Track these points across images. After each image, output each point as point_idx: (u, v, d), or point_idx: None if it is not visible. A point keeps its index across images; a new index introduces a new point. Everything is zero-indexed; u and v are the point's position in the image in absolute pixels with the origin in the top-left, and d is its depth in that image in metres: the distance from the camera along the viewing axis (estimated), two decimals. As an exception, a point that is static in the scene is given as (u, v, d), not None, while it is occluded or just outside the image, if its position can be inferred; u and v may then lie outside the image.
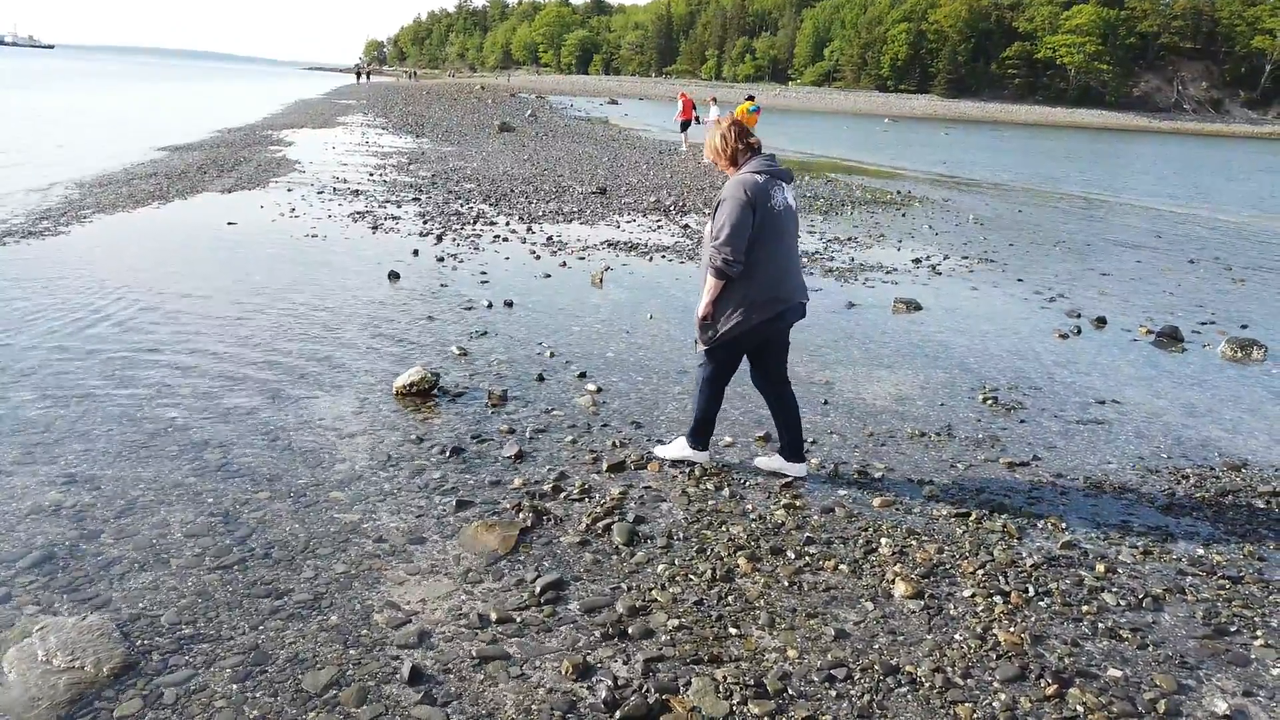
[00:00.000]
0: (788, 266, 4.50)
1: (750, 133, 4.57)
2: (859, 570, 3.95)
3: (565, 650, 3.26)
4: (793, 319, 4.64)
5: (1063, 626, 3.60)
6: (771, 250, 4.39)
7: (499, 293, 8.42)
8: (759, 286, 4.39)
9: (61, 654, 2.99)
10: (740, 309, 4.41)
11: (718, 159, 4.57)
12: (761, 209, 4.32)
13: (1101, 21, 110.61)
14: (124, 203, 12.34)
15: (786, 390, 4.81)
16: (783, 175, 4.50)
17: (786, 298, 4.49)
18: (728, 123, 4.61)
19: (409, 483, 4.53)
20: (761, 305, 4.41)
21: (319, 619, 3.35)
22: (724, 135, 4.53)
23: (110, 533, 3.87)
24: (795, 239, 4.59)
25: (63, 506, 4.07)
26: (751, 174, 4.39)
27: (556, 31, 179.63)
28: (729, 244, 4.28)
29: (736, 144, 4.52)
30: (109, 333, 6.60)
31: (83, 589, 3.45)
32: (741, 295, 4.40)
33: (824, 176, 22.91)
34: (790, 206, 4.49)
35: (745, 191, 4.32)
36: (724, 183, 4.49)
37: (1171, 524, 4.60)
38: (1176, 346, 8.23)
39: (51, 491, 4.19)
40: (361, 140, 24.78)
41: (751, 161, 4.48)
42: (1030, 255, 13.00)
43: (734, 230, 4.27)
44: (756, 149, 4.55)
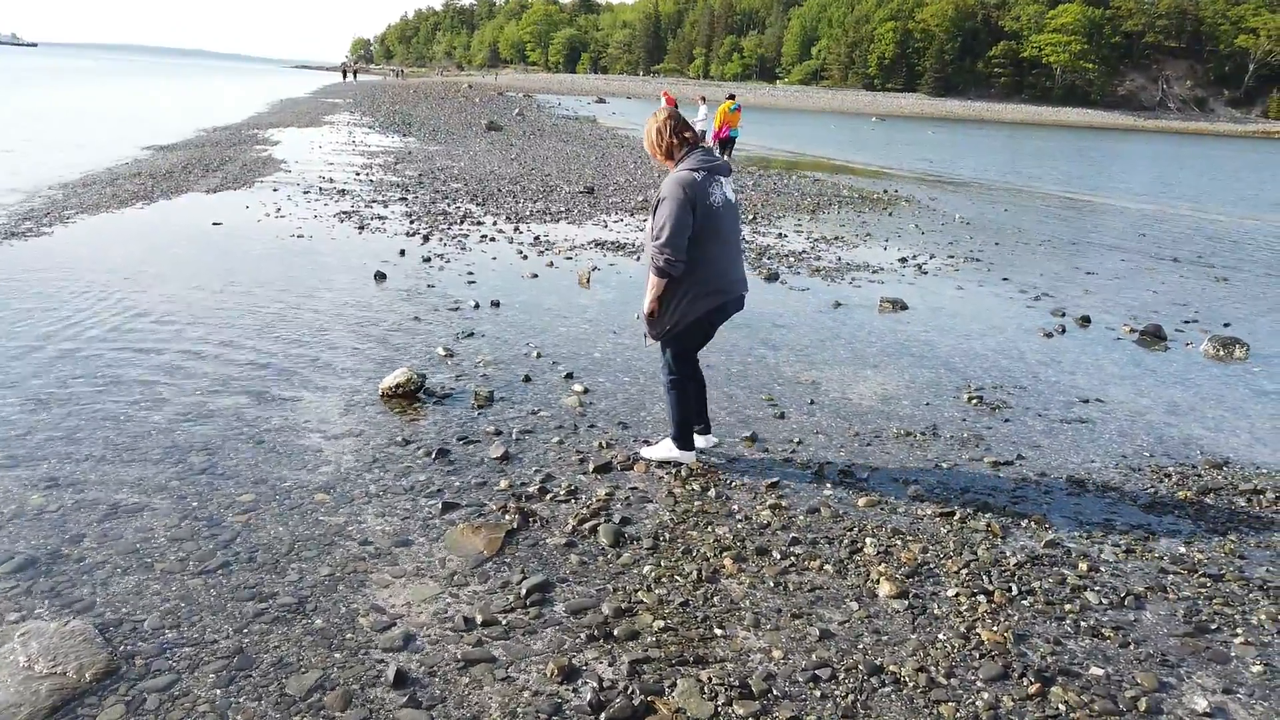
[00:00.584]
0: (728, 260, 4.58)
1: (688, 126, 4.62)
2: (844, 570, 3.96)
3: (551, 652, 3.26)
4: (733, 310, 4.74)
5: (1045, 625, 3.62)
6: (712, 246, 4.46)
7: (486, 293, 8.41)
8: (701, 281, 4.47)
9: (43, 659, 2.98)
10: (684, 302, 4.50)
11: (654, 152, 4.62)
12: (701, 206, 4.39)
13: (1086, 20, 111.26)
14: (108, 203, 12.26)
15: (698, 373, 4.98)
16: (720, 170, 4.56)
17: (728, 290, 4.59)
18: (664, 115, 4.63)
19: (394, 484, 4.52)
20: (705, 297, 4.51)
21: (303, 622, 3.35)
22: (659, 129, 4.57)
23: (93, 537, 3.85)
24: (736, 233, 4.65)
25: (45, 510, 4.04)
26: (690, 171, 4.44)
27: (544, 30, 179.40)
28: (670, 244, 4.35)
29: (672, 138, 4.56)
30: (92, 334, 6.56)
31: (65, 593, 3.43)
32: (684, 290, 4.48)
33: (811, 176, 22.96)
34: (729, 201, 4.55)
35: (684, 190, 4.36)
36: (662, 177, 4.52)
37: (1154, 522, 4.64)
38: (1160, 345, 8.29)
39: (34, 495, 4.17)
40: (348, 139, 24.69)
41: (689, 158, 4.52)
42: (1016, 254, 13.06)
43: (675, 230, 4.34)
44: (693, 143, 4.59)
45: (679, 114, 4.70)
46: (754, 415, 5.79)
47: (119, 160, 17.19)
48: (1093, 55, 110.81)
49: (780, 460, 5.12)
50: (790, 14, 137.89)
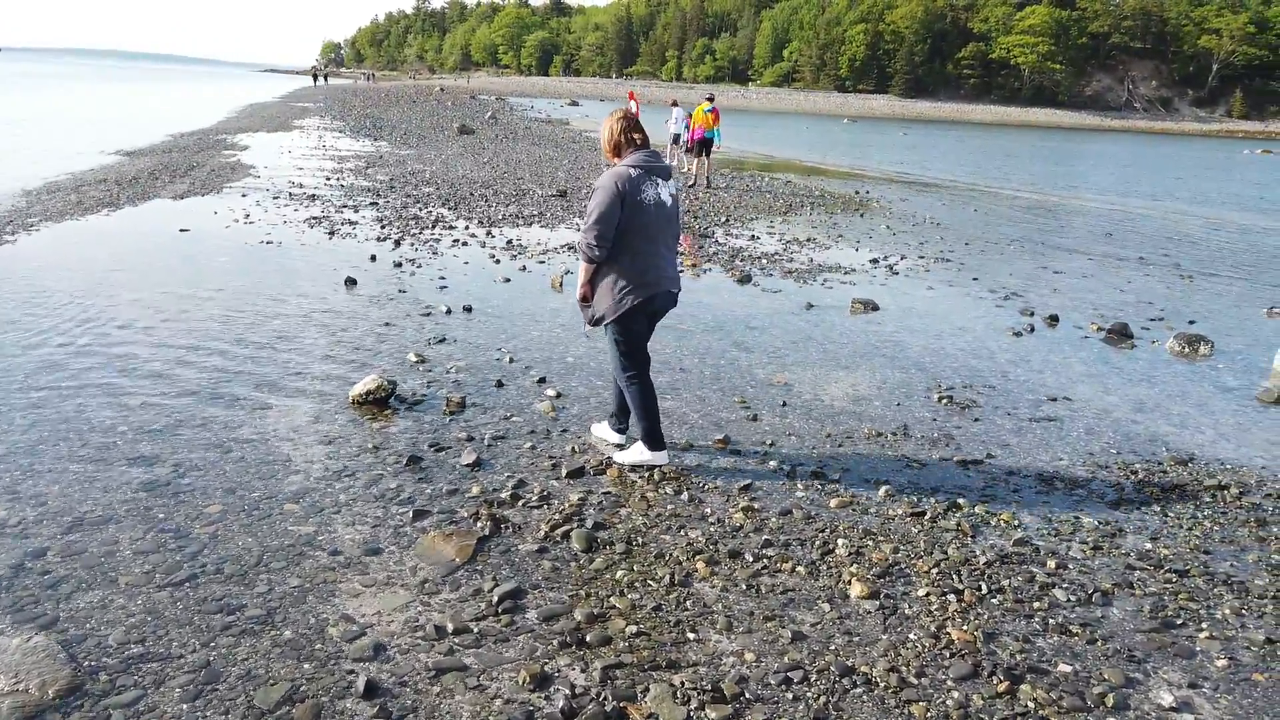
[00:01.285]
0: (655, 257, 4.69)
1: (639, 129, 4.75)
2: (816, 572, 3.98)
3: (523, 660, 3.25)
4: (662, 305, 4.84)
5: (1014, 623, 3.65)
6: (638, 242, 4.60)
7: (458, 298, 8.37)
8: (627, 273, 4.62)
9: (4, 676, 2.93)
10: (613, 292, 4.65)
11: (605, 148, 4.78)
12: (630, 202, 4.53)
13: (1054, 22, 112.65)
14: (73, 210, 12.09)
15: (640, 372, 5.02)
16: (659, 171, 4.68)
17: (653, 284, 4.68)
18: (619, 115, 4.79)
19: (365, 493, 4.49)
20: (631, 290, 4.63)
21: (272, 634, 3.31)
22: (611, 127, 4.75)
23: (57, 550, 3.79)
24: (669, 232, 4.75)
25: (7, 524, 3.97)
26: (627, 167, 4.60)
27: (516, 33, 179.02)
28: (593, 230, 4.54)
29: (620, 137, 4.72)
30: (56, 344, 6.47)
31: (28, 609, 3.37)
32: (613, 280, 4.65)
33: (783, 177, 23.07)
34: (663, 202, 4.66)
35: (617, 183, 4.53)
36: None
37: (1121, 519, 4.69)
38: (1126, 343, 8.40)
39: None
40: (318, 144, 24.51)
41: (631, 155, 4.66)
42: (985, 254, 13.18)
43: (600, 219, 4.51)
44: (640, 144, 4.71)
45: (634, 117, 4.81)
46: (727, 418, 5.80)
47: (84, 167, 16.96)
48: (1060, 56, 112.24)
49: (753, 463, 5.13)
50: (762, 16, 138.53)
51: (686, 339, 7.53)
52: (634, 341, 4.80)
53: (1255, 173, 38.70)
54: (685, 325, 7.94)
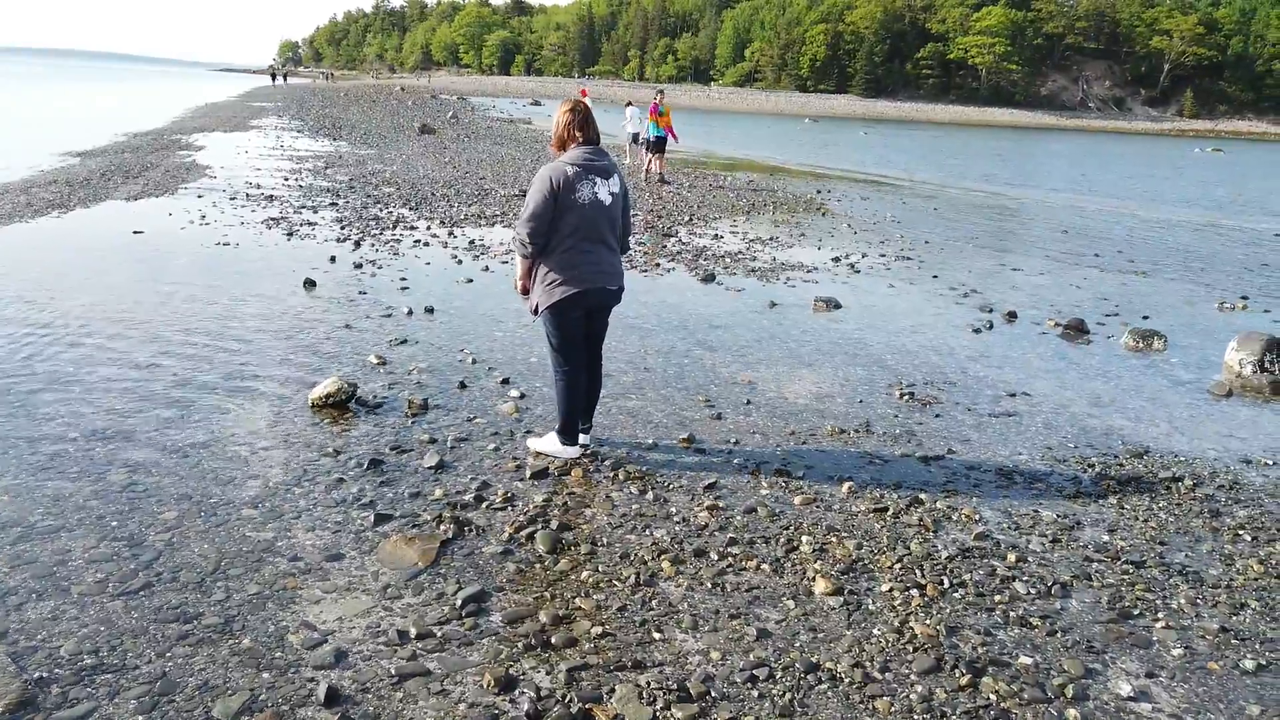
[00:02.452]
0: (589, 254, 4.67)
1: (588, 123, 4.73)
2: (780, 569, 3.99)
3: (487, 663, 3.22)
4: (598, 300, 4.81)
5: (976, 617, 3.69)
6: (571, 238, 4.61)
7: (419, 299, 8.29)
8: (560, 267, 4.64)
9: (-49, 692, 2.84)
10: (547, 285, 4.67)
11: (552, 139, 4.81)
12: (564, 199, 4.55)
13: (1010, 23, 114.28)
14: (21, 212, 11.82)
15: (595, 370, 5.10)
16: (599, 170, 4.67)
17: (585, 280, 4.66)
18: (570, 105, 4.78)
19: (325, 497, 4.43)
20: (561, 285, 4.64)
21: (230, 643, 3.25)
22: (559, 120, 4.75)
23: (5, 560, 3.69)
24: (602, 229, 4.71)
25: (-47, 535, 3.86)
26: (564, 164, 4.60)
27: (477, 32, 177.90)
28: (526, 225, 4.58)
29: (565, 131, 4.73)
30: (3, 351, 6.31)
31: (-25, 622, 3.28)
32: (545, 272, 4.68)
33: (746, 177, 23.16)
34: (600, 200, 4.65)
35: (551, 180, 4.55)
36: None
37: (1079, 512, 4.76)
38: (1083, 338, 8.54)
39: (-59, 520, 3.98)
40: (276, 144, 24.19)
41: (572, 151, 4.66)
42: (945, 252, 13.34)
43: (532, 215, 4.55)
44: (585, 140, 4.70)
45: (585, 110, 4.79)
46: (691, 416, 5.80)
47: (33, 168, 16.58)
48: (1016, 57, 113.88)
49: (718, 461, 5.14)
50: (723, 16, 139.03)
51: (650, 338, 7.53)
52: (566, 333, 4.79)
53: (1205, 171, 39.56)
54: (649, 324, 7.94)
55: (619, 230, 4.86)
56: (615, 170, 4.76)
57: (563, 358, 4.84)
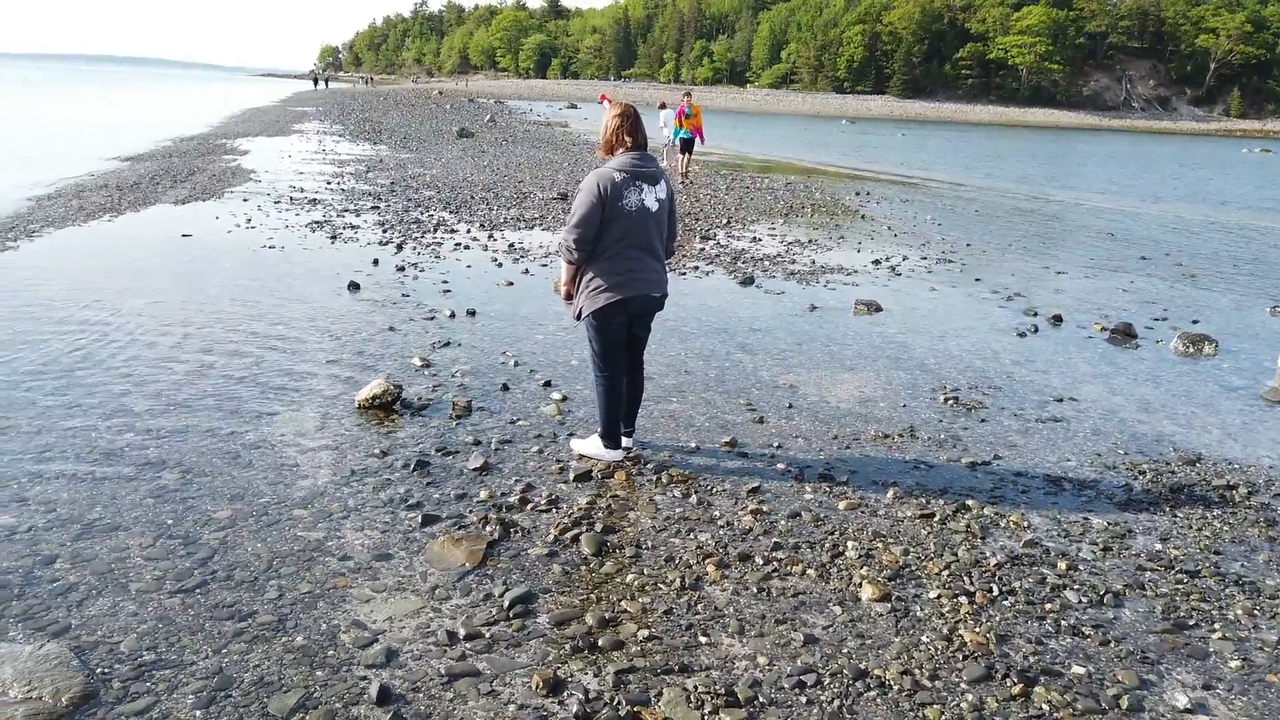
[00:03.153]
0: (634, 260, 4.69)
1: (636, 128, 4.73)
2: (826, 574, 3.97)
3: (535, 665, 3.24)
4: (641, 308, 4.84)
5: (1027, 625, 3.65)
6: (617, 244, 4.63)
7: (461, 302, 8.37)
8: (604, 274, 4.66)
9: (18, 685, 2.92)
10: (591, 290, 4.69)
11: (600, 144, 4.84)
12: (611, 205, 4.56)
13: (1051, 22, 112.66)
14: (75, 216, 12.09)
15: (636, 375, 5.10)
16: (646, 176, 4.67)
17: (629, 287, 4.68)
18: (617, 111, 4.76)
19: (373, 498, 4.48)
20: (605, 290, 4.66)
21: (284, 640, 3.30)
22: (607, 124, 4.75)
23: (66, 557, 3.78)
24: (649, 236, 4.73)
25: (16, 531, 3.97)
26: (611, 170, 4.61)
27: (514, 36, 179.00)
28: (573, 231, 4.59)
29: (613, 136, 4.74)
30: (59, 351, 6.46)
31: (39, 616, 3.36)
32: (590, 278, 4.70)
33: (784, 179, 23.07)
34: (647, 207, 4.65)
35: (598, 186, 4.55)
36: None
37: (1130, 519, 4.69)
38: (1130, 343, 8.39)
39: (4, 516, 4.09)
40: (318, 148, 24.52)
41: (620, 157, 4.67)
42: (987, 255, 13.18)
43: (580, 220, 4.56)
44: (633, 146, 4.71)
45: (634, 114, 4.79)
46: (733, 420, 5.79)
47: (84, 173, 16.95)
48: (1057, 56, 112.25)
49: (761, 465, 5.12)
50: (759, 18, 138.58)
51: (690, 341, 7.53)
52: (609, 339, 4.82)
53: (1254, 172, 38.73)
54: (689, 327, 7.94)
55: (664, 237, 4.86)
56: (662, 176, 4.77)
57: (604, 362, 4.87)
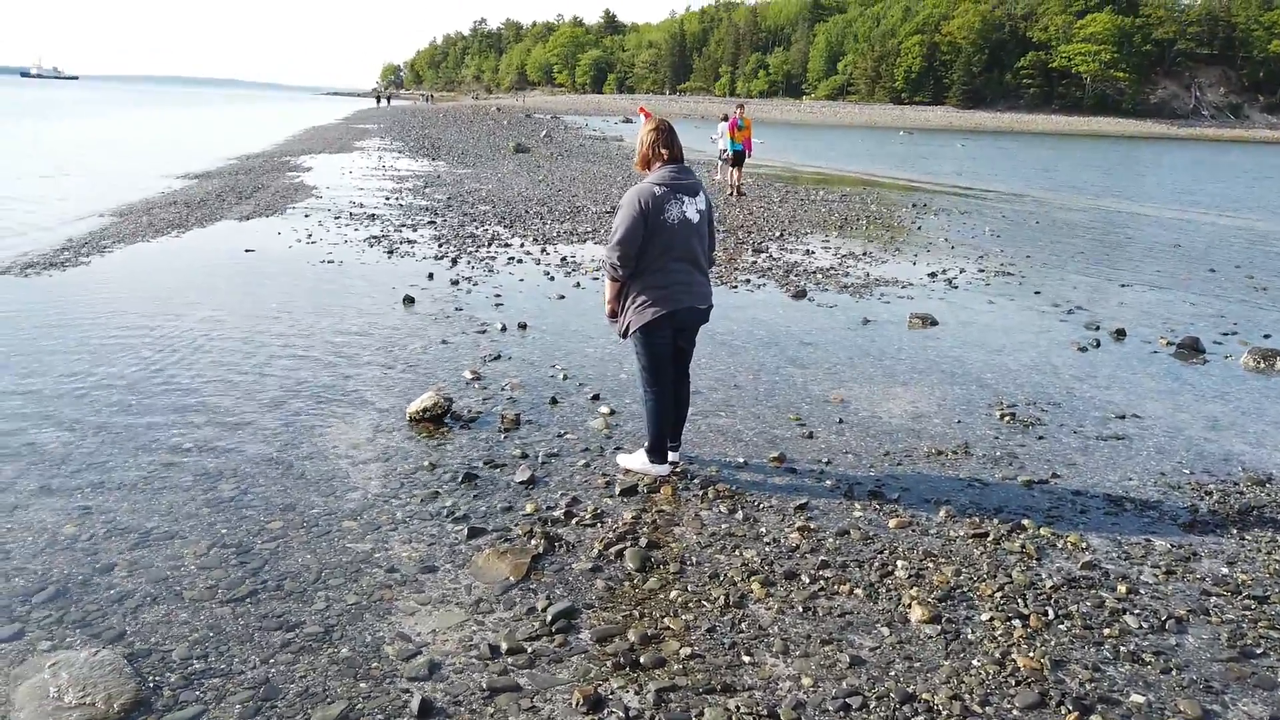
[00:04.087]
0: (678, 274, 4.68)
1: (671, 141, 4.73)
2: (874, 594, 3.89)
3: (576, 681, 3.23)
4: (687, 321, 4.83)
5: (1083, 650, 3.53)
6: (660, 259, 4.62)
7: (513, 315, 8.43)
8: (649, 288, 4.66)
9: (73, 690, 2.99)
10: (637, 306, 4.69)
11: (636, 159, 4.84)
12: (653, 220, 4.55)
13: (1116, 29, 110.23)
14: (144, 232, 12.48)
15: (682, 388, 5.09)
16: (686, 189, 4.66)
17: (674, 301, 4.67)
18: (652, 125, 4.77)
19: (421, 510, 4.52)
20: (650, 306, 4.66)
21: (329, 651, 3.34)
22: (643, 139, 4.75)
23: (124, 566, 3.88)
24: (691, 249, 4.71)
25: (77, 540, 4.08)
26: (651, 185, 4.61)
27: (570, 52, 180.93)
28: (616, 249, 4.60)
29: (649, 151, 4.73)
30: (123, 362, 6.65)
31: (95, 623, 3.45)
32: (635, 294, 4.69)
33: (839, 191, 22.88)
34: (689, 220, 4.64)
35: (639, 201, 4.55)
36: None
37: (1195, 542, 4.52)
38: (1198, 358, 8.12)
39: (67, 525, 4.21)
40: (378, 164, 25.00)
41: (658, 171, 4.66)
42: (1048, 267, 12.89)
43: (623, 237, 4.56)
44: (670, 159, 4.71)
45: (669, 128, 4.79)
46: (781, 435, 5.73)
47: (155, 189, 17.52)
48: (1123, 64, 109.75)
49: (809, 481, 5.06)
50: (815, 30, 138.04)
51: (740, 355, 7.48)
52: (656, 353, 4.80)
53: (1332, 180, 37.31)
54: (739, 341, 7.89)
55: (707, 248, 4.85)
56: (701, 188, 4.77)
57: (652, 377, 4.85)
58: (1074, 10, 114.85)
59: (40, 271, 9.71)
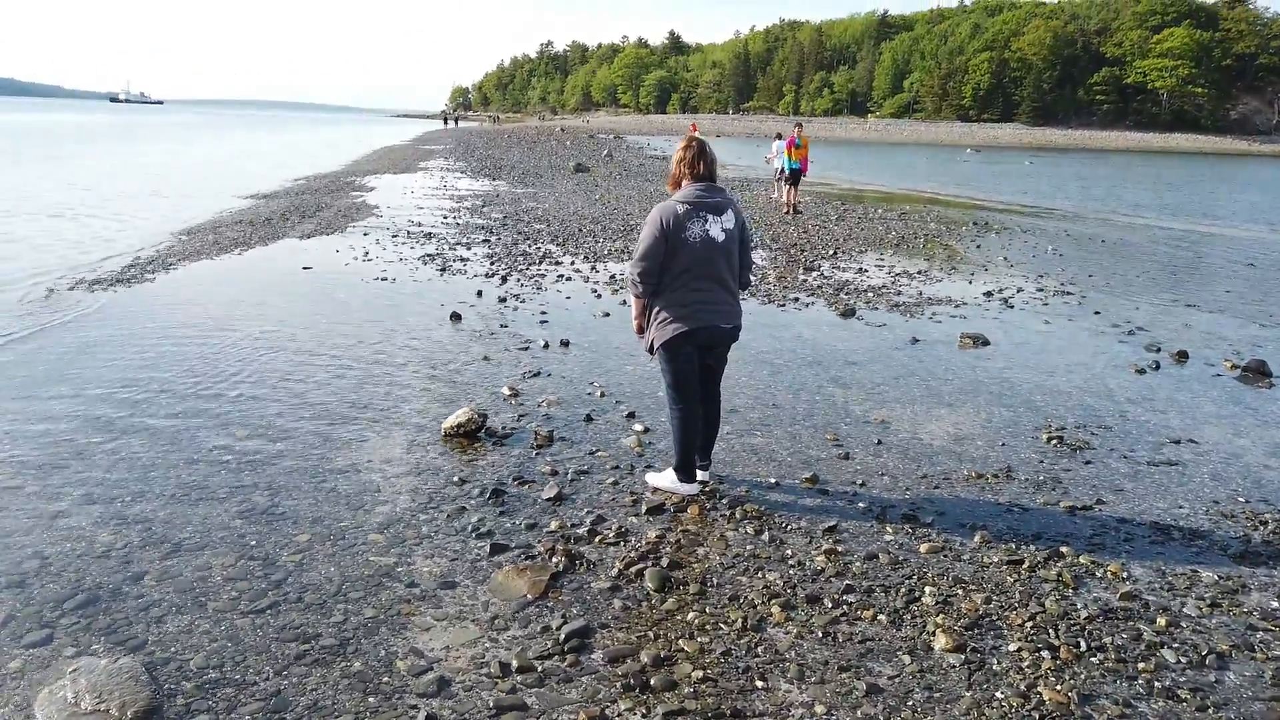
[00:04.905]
0: (699, 292, 4.67)
1: (700, 160, 4.74)
2: (899, 621, 3.78)
3: (584, 702, 3.19)
4: (710, 339, 4.78)
5: (1115, 685, 3.37)
6: (682, 276, 4.63)
7: (556, 333, 8.47)
8: (671, 305, 4.67)
9: (89, 697, 3.06)
10: (659, 322, 4.71)
11: (669, 178, 4.86)
12: (674, 237, 4.57)
13: (1194, 44, 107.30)
14: (209, 250, 12.88)
15: (712, 407, 5.04)
16: (711, 207, 4.65)
17: (695, 319, 4.66)
18: (683, 144, 4.80)
19: (446, 525, 4.54)
20: (671, 323, 4.66)
21: (342, 665, 3.36)
22: (676, 157, 4.79)
23: (154, 575, 3.97)
24: (715, 266, 4.68)
25: (113, 548, 4.19)
26: (675, 203, 4.62)
27: (635, 73, 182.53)
28: (637, 266, 4.66)
29: (679, 169, 4.77)
30: (175, 375, 6.85)
31: (120, 631, 3.53)
32: (658, 310, 4.71)
33: (899, 209, 22.58)
34: (712, 237, 4.62)
35: (661, 219, 4.59)
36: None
37: (1245, 574, 4.30)
38: (1264, 382, 7.78)
39: (103, 533, 4.33)
40: (440, 184, 25.45)
41: (685, 189, 4.67)
42: (1111, 286, 12.51)
43: (643, 254, 4.61)
44: (698, 177, 4.72)
45: (701, 146, 4.81)
46: (817, 455, 5.64)
47: (224, 209, 18.09)
48: (1202, 79, 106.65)
49: (841, 503, 4.95)
50: (881, 48, 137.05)
51: (781, 373, 7.39)
52: (679, 371, 4.78)
53: None
54: (781, 359, 7.80)
55: (737, 267, 4.80)
56: (730, 205, 4.73)
57: (677, 394, 4.82)
58: (1150, 25, 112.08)
59: (108, 287, 10.07)
